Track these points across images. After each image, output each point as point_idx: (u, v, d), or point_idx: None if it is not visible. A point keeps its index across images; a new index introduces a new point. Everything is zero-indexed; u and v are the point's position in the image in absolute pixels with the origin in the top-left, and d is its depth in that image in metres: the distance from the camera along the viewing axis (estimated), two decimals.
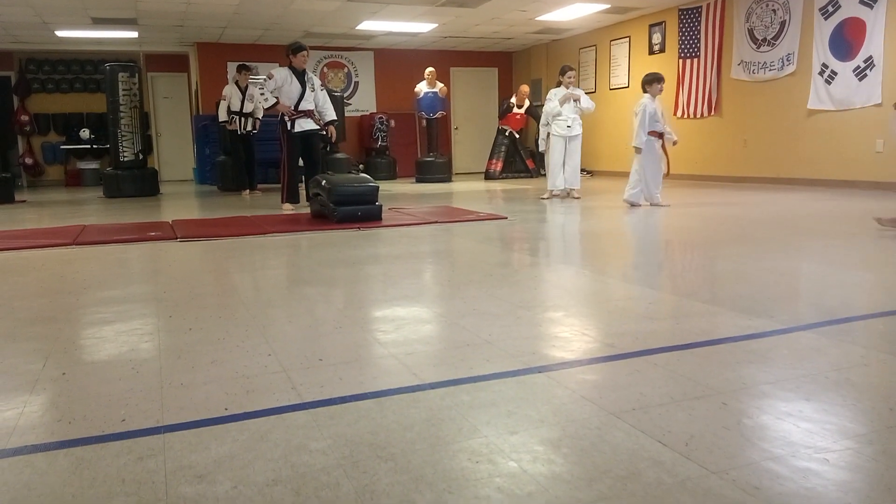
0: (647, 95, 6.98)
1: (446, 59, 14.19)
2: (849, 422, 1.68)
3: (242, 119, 9.85)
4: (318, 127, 7.41)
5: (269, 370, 2.15)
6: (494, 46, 14.18)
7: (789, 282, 3.50)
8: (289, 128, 7.25)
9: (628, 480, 1.41)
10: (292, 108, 7.21)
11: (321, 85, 7.56)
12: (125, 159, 9.92)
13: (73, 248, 4.96)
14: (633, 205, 7.06)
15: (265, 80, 7.28)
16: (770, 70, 9.28)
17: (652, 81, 7.04)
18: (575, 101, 8.02)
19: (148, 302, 3.22)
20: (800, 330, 2.50)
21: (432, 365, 2.19)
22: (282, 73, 7.20)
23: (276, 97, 7.20)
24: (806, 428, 1.64)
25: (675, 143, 7.13)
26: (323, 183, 6.04)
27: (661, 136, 7.06)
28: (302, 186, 7.54)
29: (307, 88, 7.25)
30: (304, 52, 7.25)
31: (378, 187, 6.18)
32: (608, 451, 1.54)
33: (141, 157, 10.11)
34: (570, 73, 8.14)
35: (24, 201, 9.74)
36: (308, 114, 7.29)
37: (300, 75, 7.25)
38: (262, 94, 7.34)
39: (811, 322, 2.62)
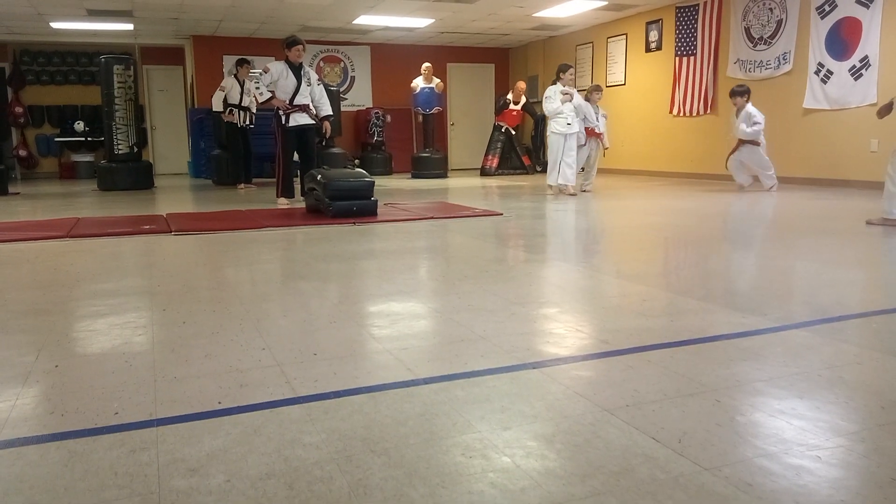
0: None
1: (443, 54, 14.16)
2: (841, 419, 1.68)
3: (241, 112, 9.84)
4: (314, 122, 7.38)
5: (263, 364, 2.15)
6: (491, 42, 14.16)
7: (783, 280, 3.51)
8: (283, 122, 7.23)
9: (622, 476, 1.41)
10: (287, 102, 7.19)
11: (318, 79, 7.52)
12: (120, 152, 9.86)
13: (66, 240, 4.94)
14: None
15: (261, 73, 7.25)
16: (766, 69, 9.29)
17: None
18: (569, 97, 8.01)
19: (142, 295, 3.21)
20: (793, 328, 2.51)
21: (426, 360, 2.19)
22: (277, 67, 7.17)
23: (272, 91, 7.19)
24: (799, 425, 1.65)
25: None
26: (318, 177, 6.03)
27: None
28: (297, 181, 7.53)
29: (303, 83, 7.21)
30: (299, 46, 7.20)
31: (373, 182, 6.16)
32: (602, 447, 1.55)
33: (136, 150, 10.05)
34: (571, 71, 8.17)
35: (18, 193, 9.69)
36: (303, 108, 7.26)
37: (296, 69, 7.21)
38: (257, 87, 7.31)
39: (804, 320, 2.63)
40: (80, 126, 13.78)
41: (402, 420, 1.71)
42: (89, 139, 13.77)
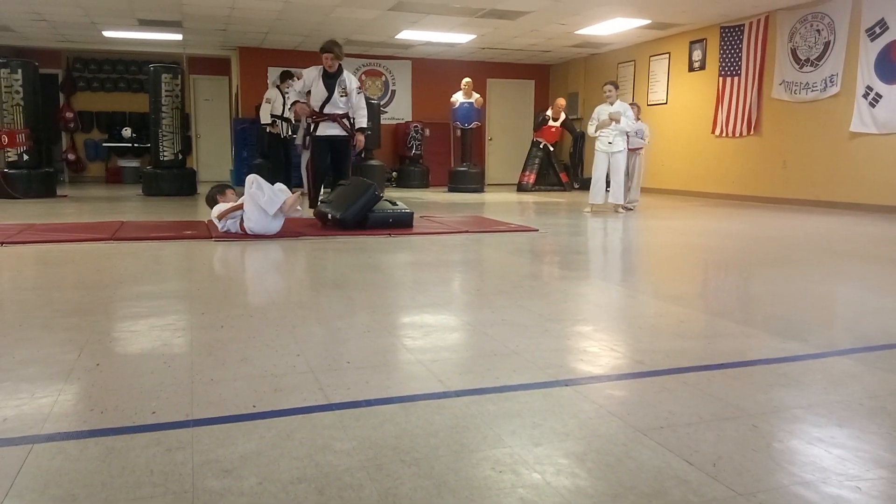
0: None
1: (483, 70, 14.22)
2: (883, 451, 1.64)
3: (284, 123, 9.99)
4: (346, 133, 7.05)
5: (298, 370, 2.17)
6: (532, 59, 14.18)
7: (826, 306, 3.43)
8: (312, 130, 7.04)
9: (653, 498, 1.39)
10: (316, 109, 6.93)
11: (358, 88, 7.15)
12: (165, 159, 10.12)
13: (110, 243, 5.06)
14: None
15: (293, 80, 7.17)
16: (812, 91, 9.13)
17: None
18: (615, 121, 7.93)
19: (181, 298, 3.27)
20: (835, 355, 2.45)
21: (459, 373, 2.19)
22: (310, 75, 6.91)
23: (300, 99, 6.94)
24: (838, 454, 1.61)
25: None
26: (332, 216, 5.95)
27: None
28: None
29: (336, 92, 6.90)
30: (327, 55, 6.81)
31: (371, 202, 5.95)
32: (634, 467, 1.53)
33: (180, 157, 10.30)
34: (605, 88, 8.10)
35: (66, 196, 9.97)
36: (334, 118, 6.96)
37: (330, 77, 6.92)
38: (287, 93, 7.23)
39: (847, 347, 2.56)
40: (127, 132, 14.17)
41: (432, 431, 1.71)
42: (136, 145, 14.16)
